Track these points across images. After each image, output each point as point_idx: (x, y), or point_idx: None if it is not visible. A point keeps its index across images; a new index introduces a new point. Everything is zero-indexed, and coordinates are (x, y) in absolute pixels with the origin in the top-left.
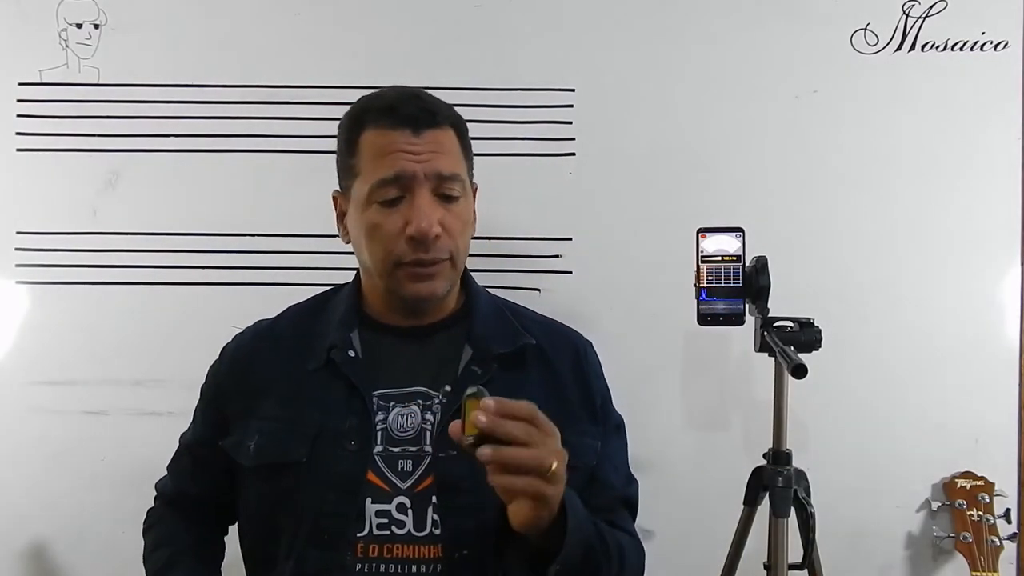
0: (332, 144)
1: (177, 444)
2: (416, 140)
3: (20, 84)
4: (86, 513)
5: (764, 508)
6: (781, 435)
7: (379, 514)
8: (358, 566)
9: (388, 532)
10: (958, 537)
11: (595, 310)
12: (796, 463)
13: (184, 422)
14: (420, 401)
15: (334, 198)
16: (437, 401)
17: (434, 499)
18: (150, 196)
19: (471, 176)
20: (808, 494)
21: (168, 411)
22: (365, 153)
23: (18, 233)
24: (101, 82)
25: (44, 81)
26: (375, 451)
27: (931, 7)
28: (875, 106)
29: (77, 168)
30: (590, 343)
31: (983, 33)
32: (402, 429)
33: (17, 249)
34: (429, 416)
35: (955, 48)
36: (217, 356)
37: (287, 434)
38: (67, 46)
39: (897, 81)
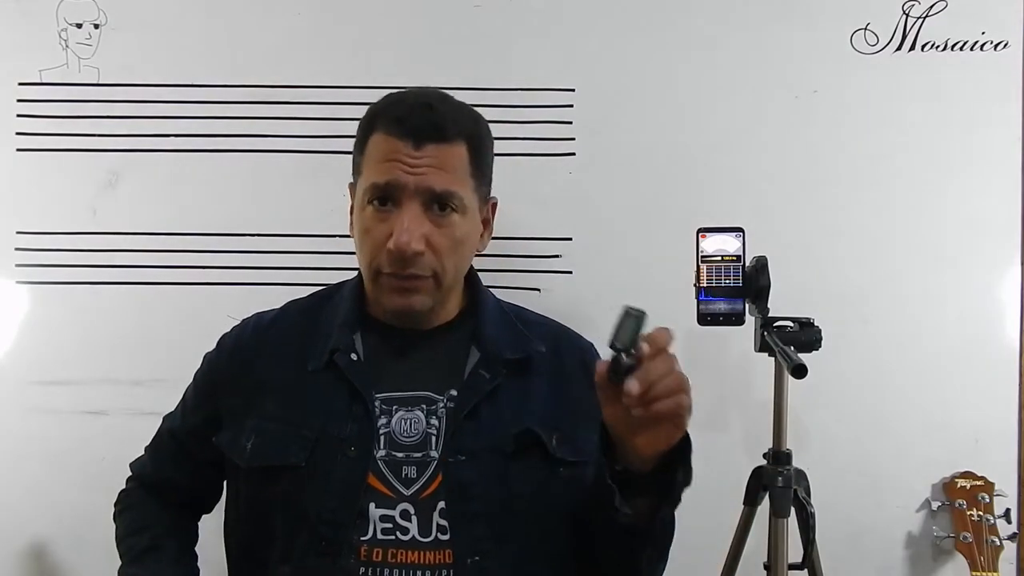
0: (331, 144)
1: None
2: (415, 154)
3: (20, 84)
4: (86, 513)
5: (764, 508)
6: (781, 435)
7: (383, 519)
8: (361, 570)
9: (393, 537)
10: (958, 537)
11: (595, 310)
12: (796, 463)
13: None
14: (424, 406)
15: (350, 188)
16: (442, 405)
17: (440, 505)
18: (150, 196)
19: (487, 191)
20: (808, 494)
21: (168, 411)
22: (369, 154)
23: (18, 233)
24: (101, 82)
25: (44, 81)
26: (378, 455)
27: (931, 7)
28: (875, 106)
29: (77, 168)
30: (592, 345)
31: (983, 33)
32: (406, 434)
33: (17, 249)
34: (434, 421)
35: (955, 48)
36: (215, 346)
37: (286, 437)
38: (67, 46)
39: (897, 81)
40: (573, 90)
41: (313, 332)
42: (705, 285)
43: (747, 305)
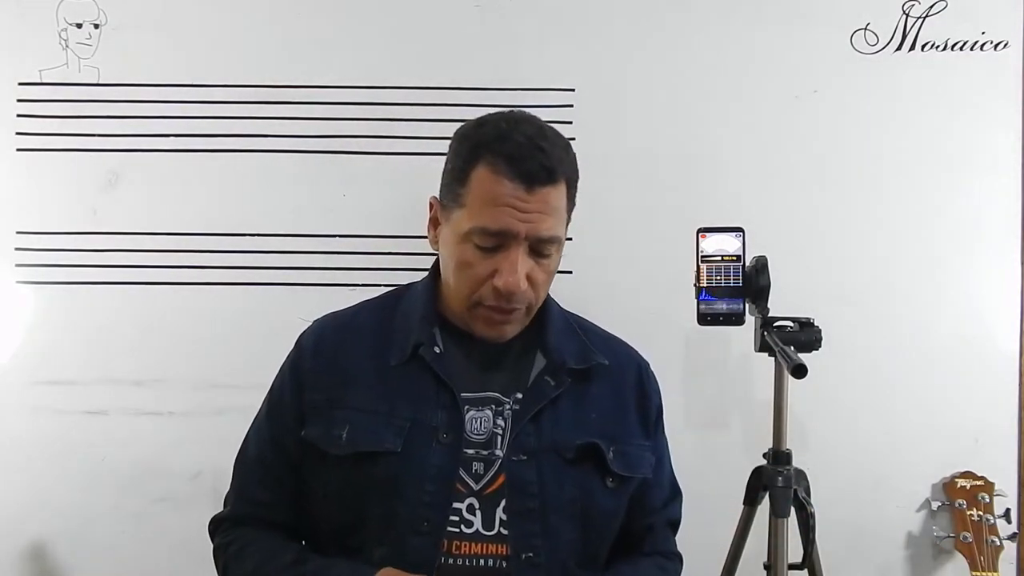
0: (332, 144)
1: (234, 468)
2: (528, 198)
3: (20, 84)
4: (86, 513)
5: (764, 508)
6: (781, 435)
7: (452, 511)
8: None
9: (458, 530)
10: (958, 537)
11: (595, 310)
12: (796, 463)
13: (184, 422)
14: (493, 406)
15: (431, 203)
16: (508, 408)
17: (504, 502)
18: (150, 196)
19: (570, 215)
20: (808, 494)
21: (168, 411)
22: (475, 190)
23: (18, 233)
24: (101, 82)
25: (44, 81)
26: None
27: (931, 7)
28: (875, 106)
29: (77, 168)
30: (648, 363)
31: (983, 33)
32: (476, 432)
33: (17, 249)
34: (500, 421)
35: (955, 48)
36: (293, 347)
37: (380, 425)
38: (67, 46)
39: (897, 81)
40: (573, 90)
41: (390, 329)
42: (705, 285)
43: (747, 305)
